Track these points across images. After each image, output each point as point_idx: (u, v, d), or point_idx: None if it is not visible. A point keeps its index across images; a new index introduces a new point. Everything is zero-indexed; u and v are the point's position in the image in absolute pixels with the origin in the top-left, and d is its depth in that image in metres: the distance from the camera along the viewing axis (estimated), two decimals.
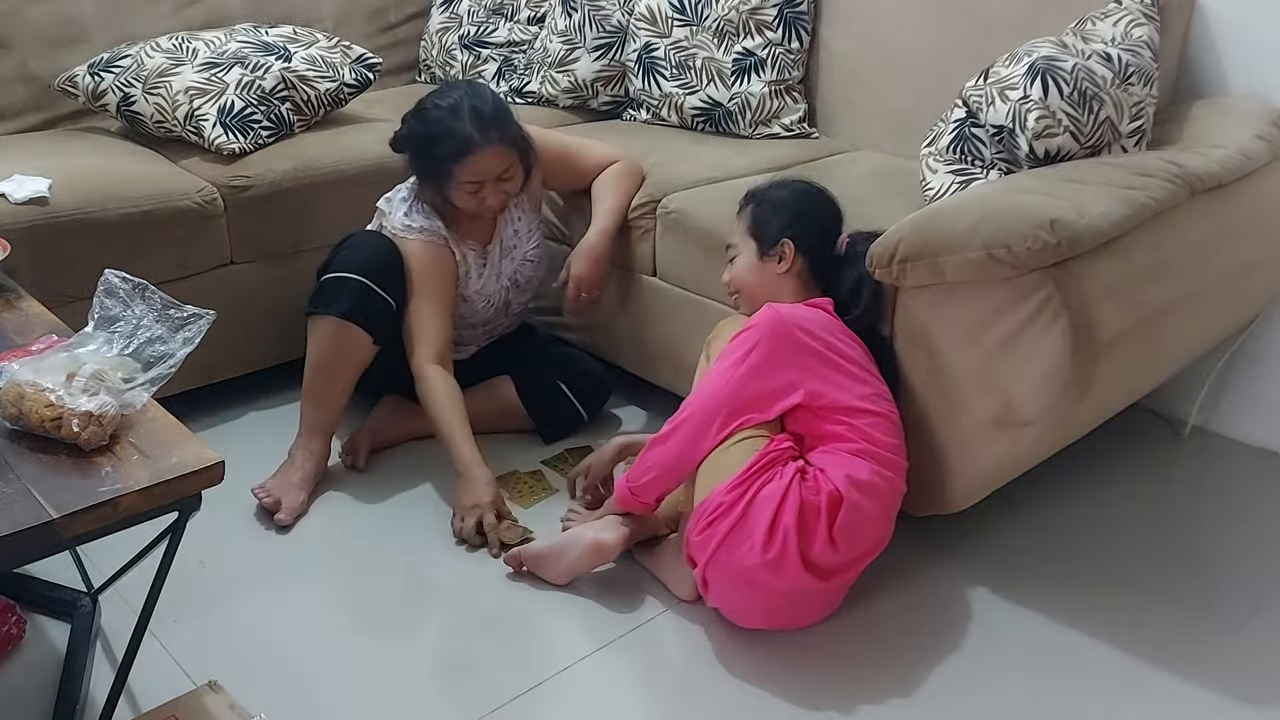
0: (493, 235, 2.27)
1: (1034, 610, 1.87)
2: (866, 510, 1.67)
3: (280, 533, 2.02)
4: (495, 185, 2.13)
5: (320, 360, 2.13)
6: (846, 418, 1.71)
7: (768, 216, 1.93)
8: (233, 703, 1.46)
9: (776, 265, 1.90)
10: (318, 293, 2.14)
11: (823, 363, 1.73)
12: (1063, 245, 1.65)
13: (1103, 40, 2.05)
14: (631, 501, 1.85)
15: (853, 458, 1.69)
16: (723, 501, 1.68)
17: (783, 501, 1.64)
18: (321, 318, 2.11)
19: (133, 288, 1.48)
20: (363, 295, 2.09)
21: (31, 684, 1.63)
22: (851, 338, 1.81)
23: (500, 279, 2.30)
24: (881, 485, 1.70)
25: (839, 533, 1.65)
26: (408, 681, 1.68)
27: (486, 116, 2.10)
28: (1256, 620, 1.87)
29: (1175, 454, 2.40)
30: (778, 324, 1.74)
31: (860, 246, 1.87)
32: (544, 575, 1.88)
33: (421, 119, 2.14)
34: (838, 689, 1.68)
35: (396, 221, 2.18)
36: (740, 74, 2.65)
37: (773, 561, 1.64)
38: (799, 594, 1.70)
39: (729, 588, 1.72)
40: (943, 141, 2.16)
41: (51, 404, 1.32)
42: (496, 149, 2.10)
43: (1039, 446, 1.84)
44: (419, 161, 2.16)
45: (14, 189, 2.09)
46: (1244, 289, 2.14)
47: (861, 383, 1.74)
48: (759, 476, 1.67)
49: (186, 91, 2.40)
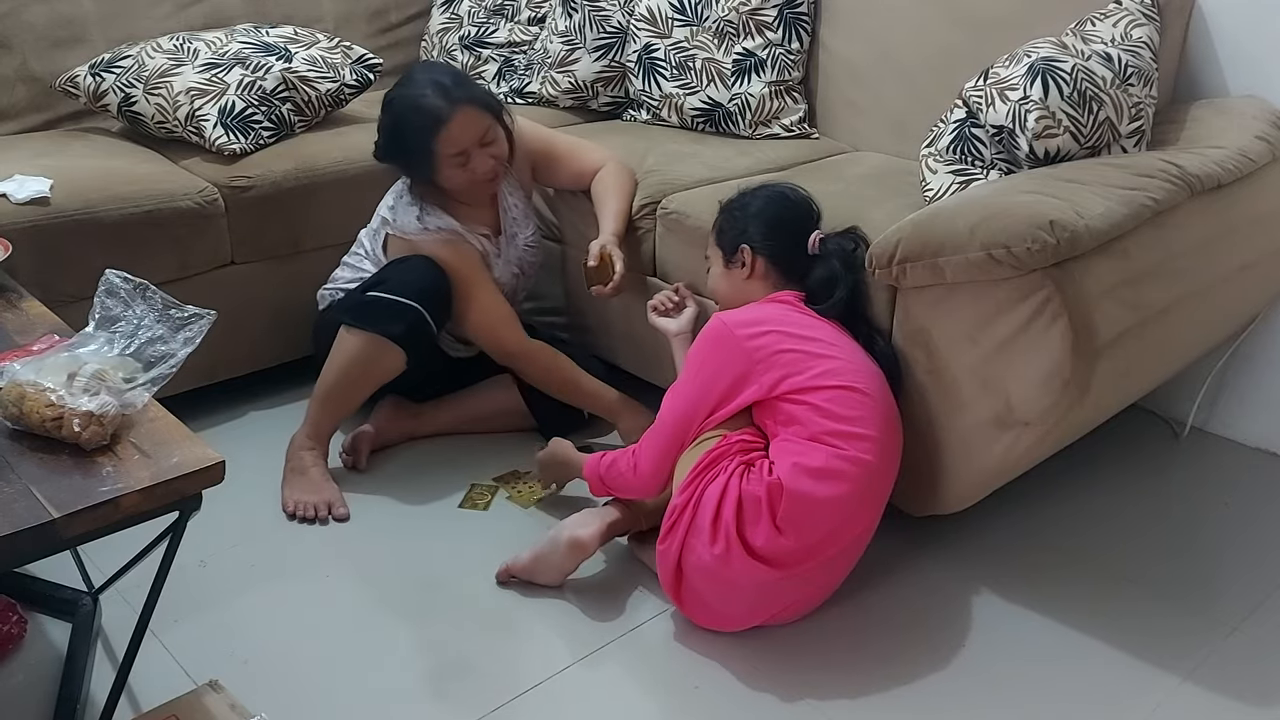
0: (499, 223, 2.28)
1: (1033, 610, 1.87)
2: (817, 495, 1.66)
3: (281, 533, 2.02)
4: (480, 152, 2.13)
5: (351, 372, 2.13)
6: (805, 396, 1.71)
7: (727, 226, 1.98)
8: (233, 703, 1.46)
9: (740, 271, 1.94)
10: (369, 308, 2.11)
11: (774, 350, 1.75)
12: (1062, 246, 1.65)
13: (1102, 41, 2.05)
14: (598, 487, 1.92)
15: (807, 443, 1.69)
16: (676, 504, 1.73)
17: (723, 496, 1.68)
18: (366, 333, 2.10)
19: (134, 288, 1.48)
20: (418, 324, 2.10)
21: (32, 683, 1.63)
22: (816, 319, 1.82)
23: (510, 266, 2.32)
24: (843, 467, 1.68)
25: (784, 521, 1.66)
26: (407, 681, 1.68)
27: (448, 85, 2.10)
28: (1255, 620, 1.87)
29: (1174, 454, 2.40)
30: (721, 332, 1.79)
31: (832, 244, 1.91)
32: (536, 581, 1.89)
33: (388, 111, 2.15)
34: (837, 688, 1.69)
35: (410, 227, 2.17)
36: (740, 74, 2.65)
37: (720, 555, 1.67)
38: (761, 585, 1.70)
39: (697, 590, 1.74)
40: (942, 142, 2.16)
41: (52, 404, 1.32)
42: (468, 111, 2.10)
43: (1039, 447, 1.84)
44: (399, 152, 2.16)
45: (15, 189, 2.09)
46: (1243, 290, 2.14)
47: (821, 359, 1.74)
48: (705, 474, 1.71)
49: (187, 92, 2.40)
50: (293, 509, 2.06)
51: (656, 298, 2.19)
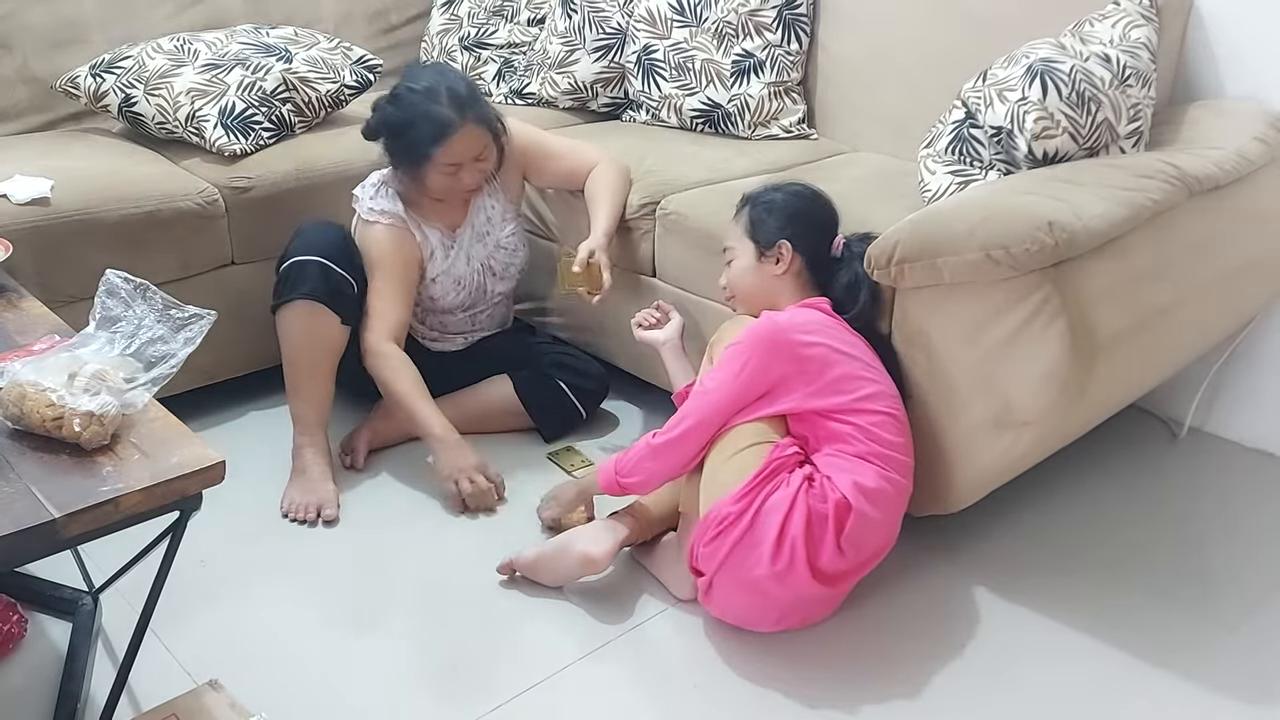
0: (464, 219, 2.29)
1: (1034, 610, 1.87)
2: (874, 517, 1.68)
3: (281, 532, 2.02)
4: (472, 165, 2.16)
5: (296, 351, 2.14)
6: (851, 417, 1.71)
7: (764, 218, 1.93)
8: (233, 702, 1.46)
9: (774, 266, 1.91)
10: (279, 284, 2.15)
11: (824, 364, 1.73)
12: (1061, 246, 1.66)
13: (1101, 42, 2.05)
14: (618, 492, 1.87)
15: (860, 461, 1.69)
16: (730, 512, 1.67)
17: (790, 511, 1.64)
18: (287, 306, 2.12)
19: (134, 288, 1.49)
20: (323, 275, 2.11)
21: (32, 683, 1.64)
22: (855, 335, 1.81)
23: (471, 262, 2.31)
24: (889, 490, 1.70)
25: (847, 541, 1.65)
26: (408, 680, 1.69)
27: (463, 98, 2.12)
28: (1254, 620, 1.87)
29: (1172, 454, 2.41)
30: (774, 333, 1.75)
31: (855, 248, 1.88)
32: (537, 580, 1.89)
33: (397, 104, 2.15)
34: (837, 688, 1.69)
35: (364, 206, 2.22)
36: (739, 75, 2.65)
37: (781, 572, 1.64)
38: (806, 599, 1.71)
39: (736, 597, 1.73)
40: (941, 143, 2.16)
41: (53, 404, 1.33)
42: (474, 130, 2.12)
43: (1038, 447, 1.84)
44: (396, 146, 2.17)
45: (16, 190, 2.09)
46: (1241, 290, 2.14)
47: (866, 380, 1.74)
48: (765, 485, 1.67)
49: (188, 93, 2.40)
50: (286, 508, 2.07)
51: (639, 315, 2.19)
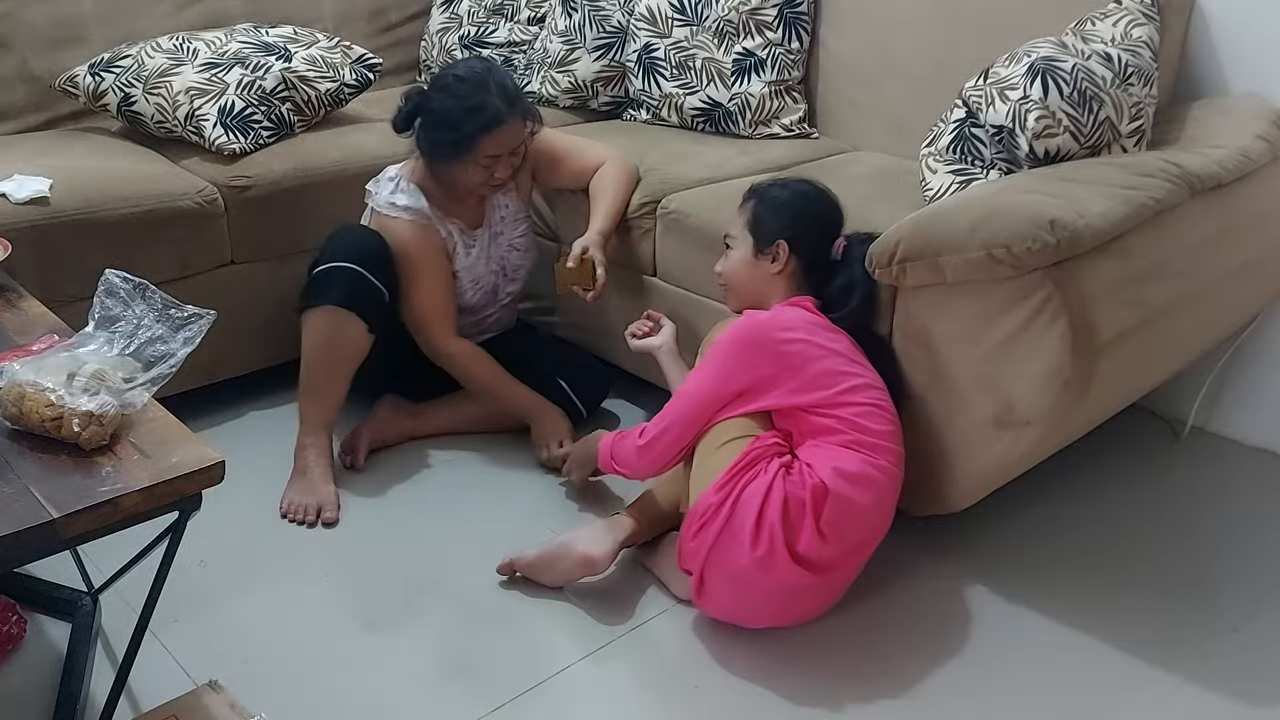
0: (481, 219, 2.29)
1: (1034, 610, 1.87)
2: (857, 501, 1.67)
3: (281, 533, 2.02)
4: (507, 159, 2.17)
5: (317, 353, 2.13)
6: (834, 410, 1.71)
7: (767, 215, 1.93)
8: (233, 703, 1.46)
9: (770, 265, 1.91)
10: (309, 287, 2.14)
11: (805, 360, 1.74)
12: (1062, 245, 1.65)
13: (1102, 40, 2.05)
14: (612, 470, 1.94)
15: (841, 449, 1.69)
16: (710, 503, 1.69)
17: (766, 497, 1.65)
18: (316, 310, 2.11)
19: (133, 287, 1.48)
20: (355, 283, 2.10)
21: (32, 683, 1.63)
22: (837, 331, 1.81)
23: (489, 263, 2.31)
24: (875, 475, 1.70)
25: (827, 525, 1.65)
26: (408, 680, 1.68)
27: (512, 90, 2.14)
28: (1256, 620, 1.87)
29: (1174, 454, 2.40)
30: (755, 333, 1.77)
31: (856, 250, 1.88)
32: (538, 580, 1.88)
33: (446, 93, 2.13)
34: (837, 688, 1.69)
35: (382, 201, 2.20)
36: (740, 74, 2.65)
37: (762, 558, 1.65)
38: (795, 589, 1.70)
39: (725, 590, 1.72)
40: (942, 141, 2.16)
41: (52, 404, 1.32)
42: (520, 123, 2.15)
43: (1039, 446, 1.84)
44: (435, 135, 2.15)
45: (15, 189, 2.09)
46: (1244, 289, 2.14)
47: (847, 375, 1.74)
48: (743, 475, 1.69)
49: (187, 92, 2.40)
50: (285, 509, 2.07)
51: (632, 326, 2.19)
